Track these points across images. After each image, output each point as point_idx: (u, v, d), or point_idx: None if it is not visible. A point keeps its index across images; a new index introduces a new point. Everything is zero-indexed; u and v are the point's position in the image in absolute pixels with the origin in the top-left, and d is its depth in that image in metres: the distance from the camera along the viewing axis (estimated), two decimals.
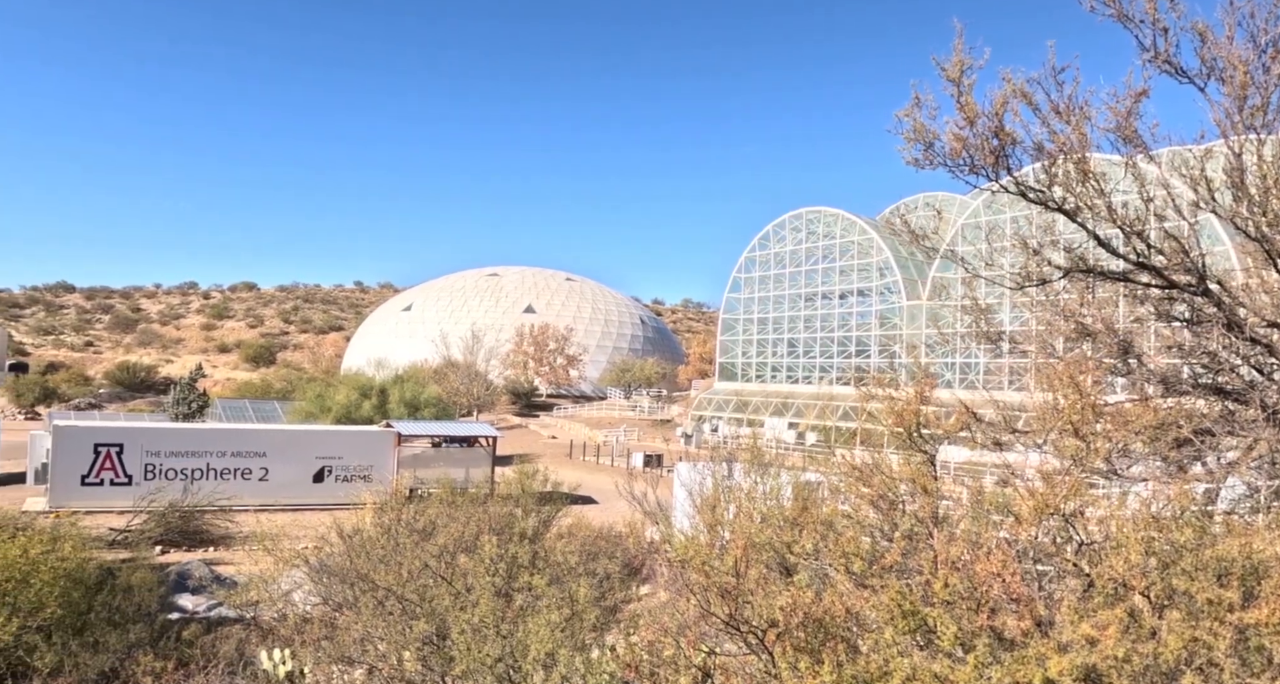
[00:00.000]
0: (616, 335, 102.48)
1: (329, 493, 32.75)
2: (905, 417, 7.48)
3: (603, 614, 10.79)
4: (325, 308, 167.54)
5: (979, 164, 7.43)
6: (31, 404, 78.93)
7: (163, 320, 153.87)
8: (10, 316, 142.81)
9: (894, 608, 5.19)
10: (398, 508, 14.03)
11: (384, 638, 10.58)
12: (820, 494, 10.84)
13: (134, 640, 11.26)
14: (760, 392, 64.94)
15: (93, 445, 31.45)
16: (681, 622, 7.17)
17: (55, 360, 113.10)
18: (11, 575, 11.03)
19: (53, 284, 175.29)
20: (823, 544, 7.71)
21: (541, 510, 15.39)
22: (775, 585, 6.57)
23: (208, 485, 30.49)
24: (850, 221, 61.46)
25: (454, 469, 35.17)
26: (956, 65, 7.19)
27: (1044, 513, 5.45)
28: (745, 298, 68.95)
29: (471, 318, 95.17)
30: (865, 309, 61.10)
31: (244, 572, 16.55)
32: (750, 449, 14.09)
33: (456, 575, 10.96)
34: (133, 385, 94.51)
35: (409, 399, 50.37)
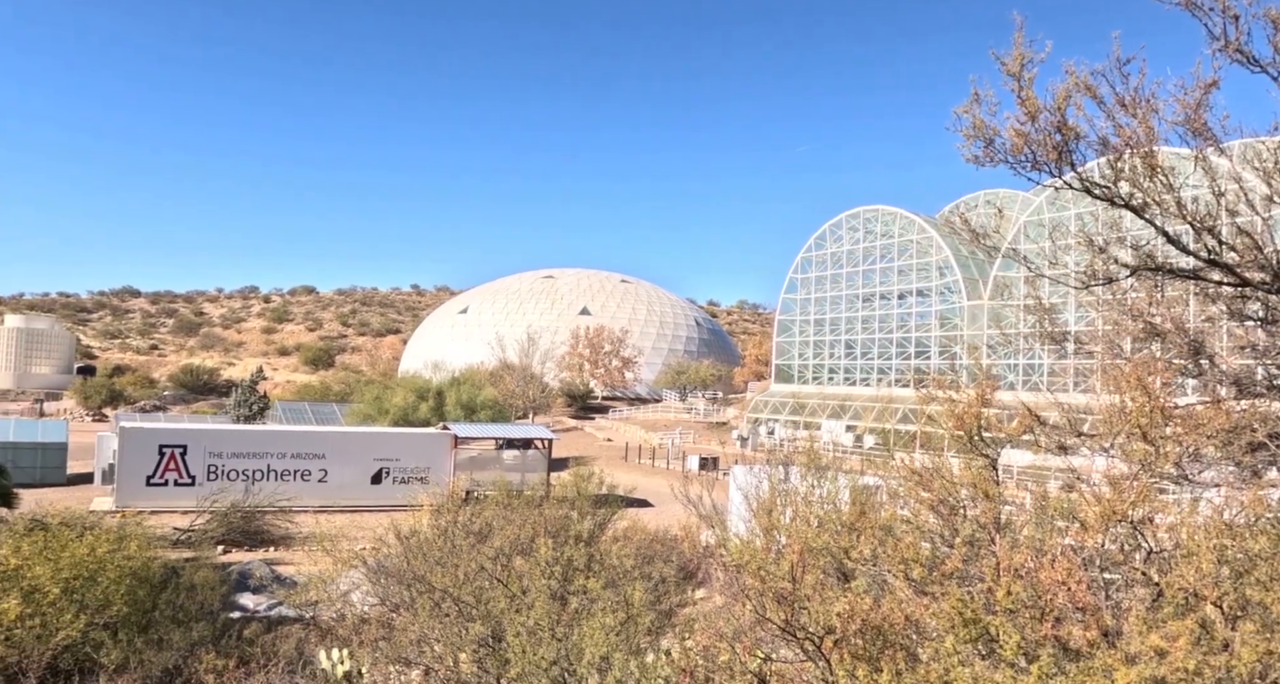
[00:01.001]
0: (671, 337, 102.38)
1: (387, 494, 33.21)
2: (966, 420, 7.33)
3: (658, 618, 10.75)
4: (383, 311, 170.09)
5: (1041, 160, 7.25)
6: (99, 406, 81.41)
7: (224, 324, 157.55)
8: (78, 321, 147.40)
9: (955, 616, 5.09)
10: (454, 510, 14.13)
11: (440, 639, 10.67)
12: (879, 499, 10.69)
13: (197, 638, 11.50)
14: (817, 394, 64.34)
15: (157, 446, 32.27)
16: (737, 627, 7.12)
17: (121, 363, 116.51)
18: (79, 573, 11.36)
19: (119, 289, 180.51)
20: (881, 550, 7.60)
21: (597, 513, 15.38)
22: (832, 591, 6.48)
23: (268, 486, 31.10)
24: (909, 220, 60.59)
25: (510, 471, 35.43)
26: (1017, 59, 7.02)
27: (1111, 519, 5.30)
28: (802, 299, 68.37)
29: (527, 320, 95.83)
30: (925, 309, 60.17)
31: (303, 572, 16.81)
32: (807, 452, 13.95)
33: (512, 578, 11.00)
34: (196, 388, 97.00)
35: (465, 401, 50.88)
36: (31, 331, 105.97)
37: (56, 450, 38.86)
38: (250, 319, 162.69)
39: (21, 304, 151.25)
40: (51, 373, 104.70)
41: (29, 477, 34.36)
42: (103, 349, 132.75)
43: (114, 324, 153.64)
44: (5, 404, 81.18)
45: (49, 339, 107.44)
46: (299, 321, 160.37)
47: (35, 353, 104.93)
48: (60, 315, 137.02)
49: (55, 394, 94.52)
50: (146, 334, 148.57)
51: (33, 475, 35.55)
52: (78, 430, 52.57)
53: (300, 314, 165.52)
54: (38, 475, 36.32)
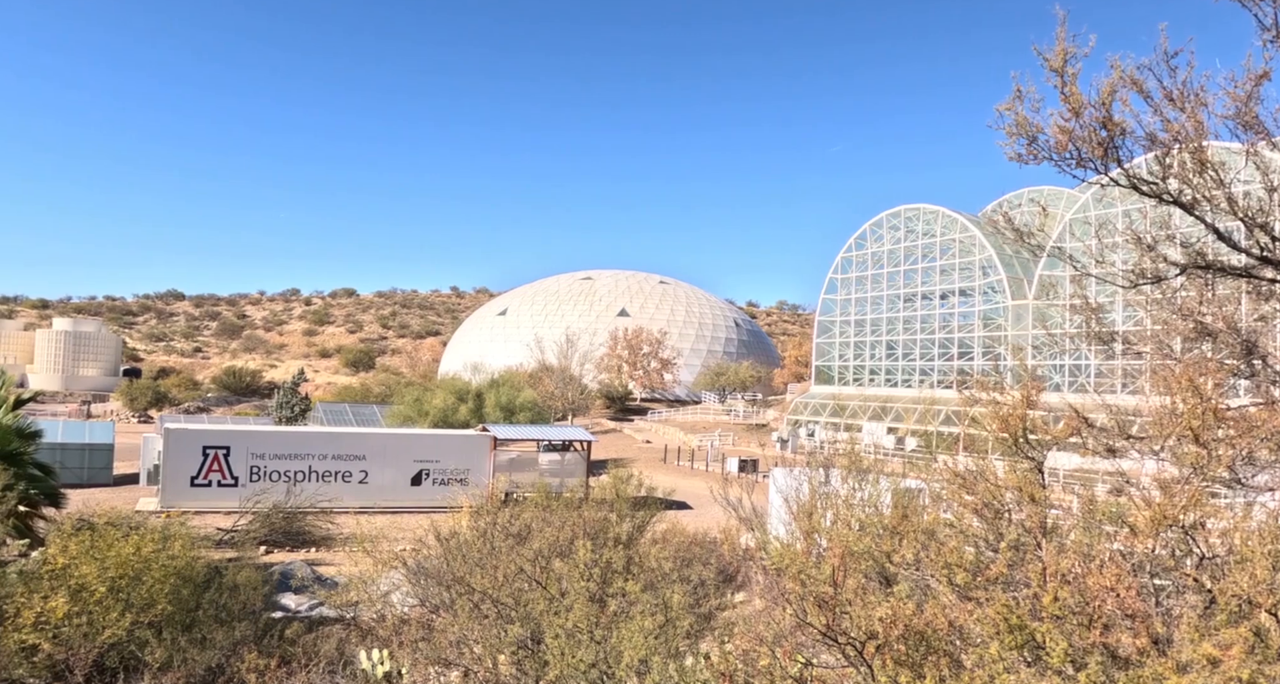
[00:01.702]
0: (710, 338, 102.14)
1: (426, 496, 33.47)
2: (1010, 422, 7.22)
3: (697, 621, 10.70)
4: (422, 313, 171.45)
5: (1086, 157, 7.11)
6: (144, 408, 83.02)
7: (267, 326, 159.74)
8: (124, 324, 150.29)
9: (1000, 622, 5.02)
10: (493, 511, 14.17)
11: (479, 641, 10.69)
12: (921, 502, 10.56)
13: (239, 638, 11.66)
14: (858, 395, 63.80)
15: (201, 448, 32.80)
16: (777, 631, 7.06)
17: (166, 366, 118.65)
18: (125, 573, 11.55)
19: (163, 292, 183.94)
20: (924, 554, 7.50)
21: (636, 516, 15.35)
22: (874, 596, 6.41)
23: (310, 487, 31.44)
24: (951, 218, 59.84)
25: (549, 473, 35.56)
26: (1059, 54, 6.89)
27: (1161, 524, 5.18)
28: (842, 299, 67.84)
29: (565, 322, 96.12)
30: (968, 309, 59.36)
31: (344, 572, 16.98)
32: (848, 454, 13.82)
33: (551, 580, 11.00)
34: (239, 389, 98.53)
35: (504, 403, 51.14)
36: (79, 334, 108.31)
37: (103, 451, 39.69)
38: (292, 322, 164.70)
39: (69, 308, 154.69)
40: (98, 375, 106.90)
41: (76, 477, 35.06)
42: (148, 352, 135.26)
43: (159, 327, 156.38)
44: (54, 406, 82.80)
45: (96, 342, 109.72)
46: (340, 324, 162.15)
47: (82, 355, 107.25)
48: (107, 319, 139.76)
49: (102, 396, 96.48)
50: (190, 337, 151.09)
51: (80, 476, 36.29)
52: (124, 432, 53.57)
53: (341, 316, 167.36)
54: (85, 476, 37.09)
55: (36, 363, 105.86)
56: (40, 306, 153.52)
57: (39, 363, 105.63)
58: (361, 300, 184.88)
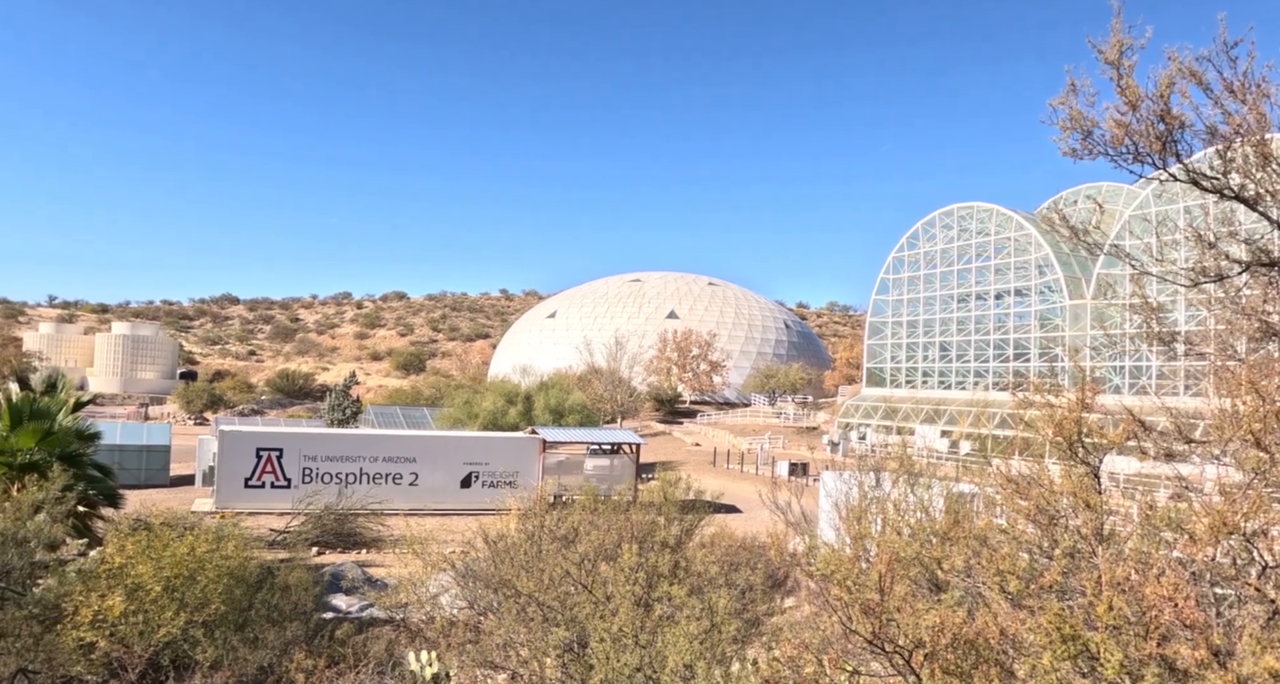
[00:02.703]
0: (760, 340, 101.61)
1: (476, 498, 33.67)
2: (1065, 425, 7.05)
3: (744, 626, 10.60)
4: (472, 316, 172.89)
5: (1144, 151, 6.91)
6: (200, 410, 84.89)
7: (319, 330, 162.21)
8: (181, 328, 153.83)
9: (1053, 631, 4.91)
10: (541, 514, 14.18)
11: (526, 644, 10.70)
12: (975, 507, 10.36)
13: (291, 638, 11.81)
14: (910, 398, 62.93)
15: (255, 449, 33.34)
16: (824, 638, 6.96)
17: (221, 368, 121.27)
18: (180, 572, 11.78)
19: (218, 296, 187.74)
20: (975, 561, 7.35)
21: (684, 519, 15.27)
22: (923, 603, 6.28)
23: (361, 489, 31.78)
24: (1005, 217, 58.73)
25: (597, 476, 35.57)
26: (1115, 46, 6.70)
27: (1222, 532, 5.00)
28: (894, 300, 66.99)
29: (614, 324, 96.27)
30: (1024, 310, 58.20)
31: (394, 574, 17.12)
32: (899, 458, 13.62)
33: (597, 583, 10.97)
34: (291, 392, 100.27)
35: (554, 406, 51.33)
36: (137, 338, 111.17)
37: (160, 453, 40.59)
38: (344, 325, 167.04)
39: (128, 312, 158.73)
40: (156, 378, 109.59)
41: (134, 478, 35.85)
42: (203, 355, 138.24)
43: (214, 331, 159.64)
44: (112, 408, 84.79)
45: (153, 346, 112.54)
46: (391, 327, 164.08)
47: (140, 359, 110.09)
48: (164, 323, 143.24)
49: (159, 398, 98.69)
50: (245, 340, 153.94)
51: (138, 477, 37.13)
52: (180, 434, 54.79)
53: (392, 319, 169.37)
54: (142, 477, 37.93)
55: (96, 366, 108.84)
56: (100, 311, 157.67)
57: (98, 366, 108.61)
58: (412, 304, 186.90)
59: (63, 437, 18.04)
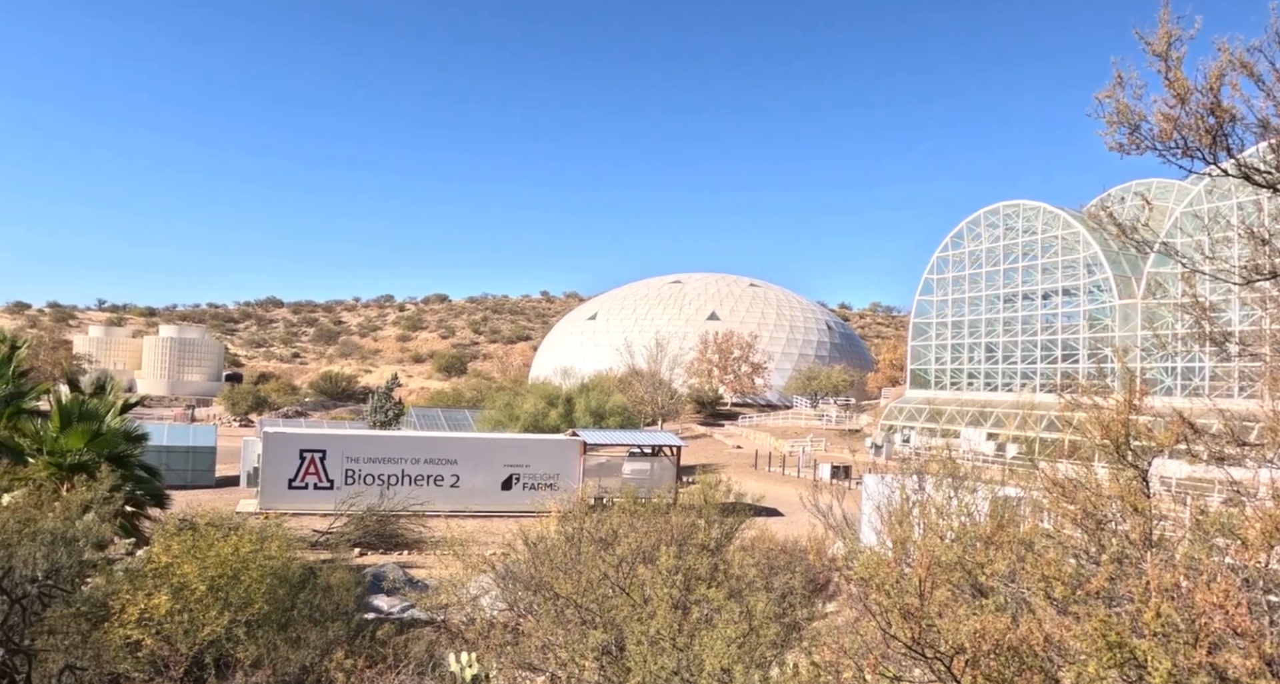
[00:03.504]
0: (802, 342, 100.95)
1: (516, 500, 33.75)
2: (1112, 428, 6.88)
3: (783, 631, 10.50)
4: (513, 318, 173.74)
5: (1193, 146, 6.73)
6: (245, 412, 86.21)
7: (362, 332, 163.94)
8: (226, 330, 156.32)
9: (1098, 638, 4.77)
10: (581, 517, 14.17)
11: (564, 646, 10.70)
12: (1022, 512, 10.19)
13: (333, 638, 11.92)
14: (955, 400, 62.09)
15: (298, 451, 33.72)
16: (863, 643, 6.87)
17: (266, 371, 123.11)
18: (224, 572, 11.95)
19: (263, 300, 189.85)
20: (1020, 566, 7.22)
21: (724, 522, 15.19)
22: (964, 608, 6.18)
23: (402, 491, 32.01)
24: (1053, 214, 57.66)
25: (638, 478, 35.50)
26: (1163, 37, 6.53)
27: (1276, 537, 4.83)
28: (938, 300, 66.12)
29: (655, 326, 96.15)
30: (1072, 310, 57.09)
31: (435, 575, 17.23)
32: (943, 461, 13.42)
33: (634, 586, 10.94)
34: (335, 394, 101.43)
35: (594, 408, 51.40)
36: (183, 341, 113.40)
37: (206, 454, 41.32)
38: (386, 327, 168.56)
39: (175, 315, 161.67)
40: (202, 380, 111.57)
41: (180, 479, 36.44)
42: (248, 357, 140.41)
43: (259, 333, 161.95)
44: (160, 410, 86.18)
45: (199, 348, 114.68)
46: (432, 329, 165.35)
47: (187, 361, 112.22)
48: (210, 326, 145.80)
49: (205, 400, 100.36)
50: (289, 343, 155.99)
51: (184, 477, 37.77)
52: (225, 435, 55.65)
53: (434, 322, 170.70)
54: (188, 478, 38.59)
55: (144, 368, 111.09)
56: (148, 314, 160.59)
57: (146, 368, 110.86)
58: (454, 306, 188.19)
59: (111, 438, 18.39)
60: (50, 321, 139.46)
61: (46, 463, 17.27)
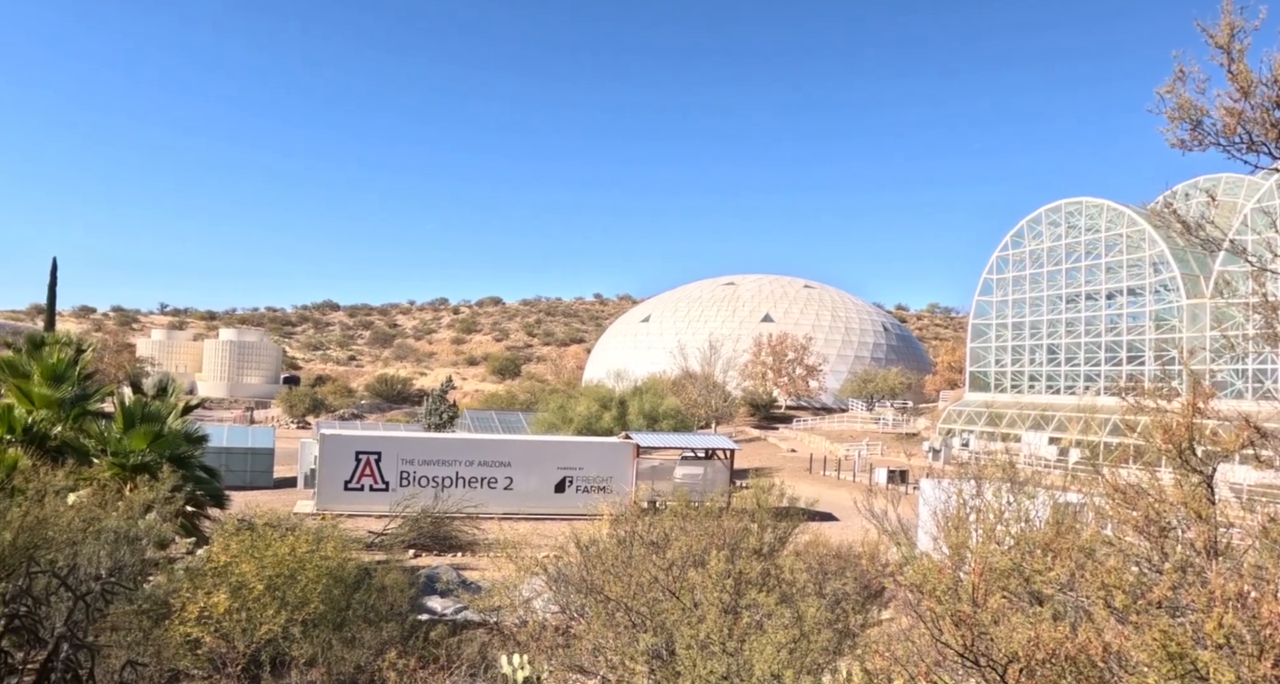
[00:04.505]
0: (858, 344, 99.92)
1: (569, 503, 33.84)
2: (1175, 432, 6.68)
3: (835, 637, 10.38)
4: (566, 320, 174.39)
5: (1258, 140, 6.53)
6: (302, 414, 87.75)
7: (417, 335, 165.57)
8: (284, 334, 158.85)
9: (1159, 649, 4.64)
10: (633, 520, 14.19)
11: (614, 649, 10.71)
12: (1084, 518, 9.97)
13: (387, 638, 12.08)
14: (1015, 403, 60.88)
15: (354, 453, 34.18)
16: (916, 650, 6.77)
17: (323, 373, 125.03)
18: (281, 571, 12.18)
19: (320, 303, 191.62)
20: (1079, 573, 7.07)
21: (777, 526, 15.08)
22: (1018, 616, 6.05)
23: (456, 493, 32.13)
24: (1117, 212, 56.23)
25: (690, 481, 35.41)
26: (1225, 29, 6.35)
27: None
28: (998, 301, 64.90)
29: (708, 328, 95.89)
30: (1137, 310, 55.60)
31: (488, 578, 17.36)
32: (1002, 466, 13.17)
33: (685, 589, 10.91)
34: (390, 397, 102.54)
35: (647, 411, 51.40)
36: (243, 344, 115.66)
37: (264, 455, 42.15)
38: (440, 330, 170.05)
39: (234, 319, 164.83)
40: (260, 383, 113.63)
41: (239, 479, 37.17)
42: (306, 360, 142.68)
43: (316, 336, 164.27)
44: (219, 412, 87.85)
45: (258, 351, 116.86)
46: (486, 332, 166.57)
47: (246, 364, 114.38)
48: (268, 329, 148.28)
49: (264, 402, 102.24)
50: (345, 345, 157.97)
51: (243, 478, 38.49)
52: (283, 437, 56.78)
53: (488, 325, 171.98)
54: (247, 478, 39.32)
55: (204, 371, 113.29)
56: (208, 318, 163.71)
57: (207, 371, 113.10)
58: (507, 309, 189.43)
59: (172, 439, 18.84)
60: (114, 325, 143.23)
61: (110, 463, 17.72)
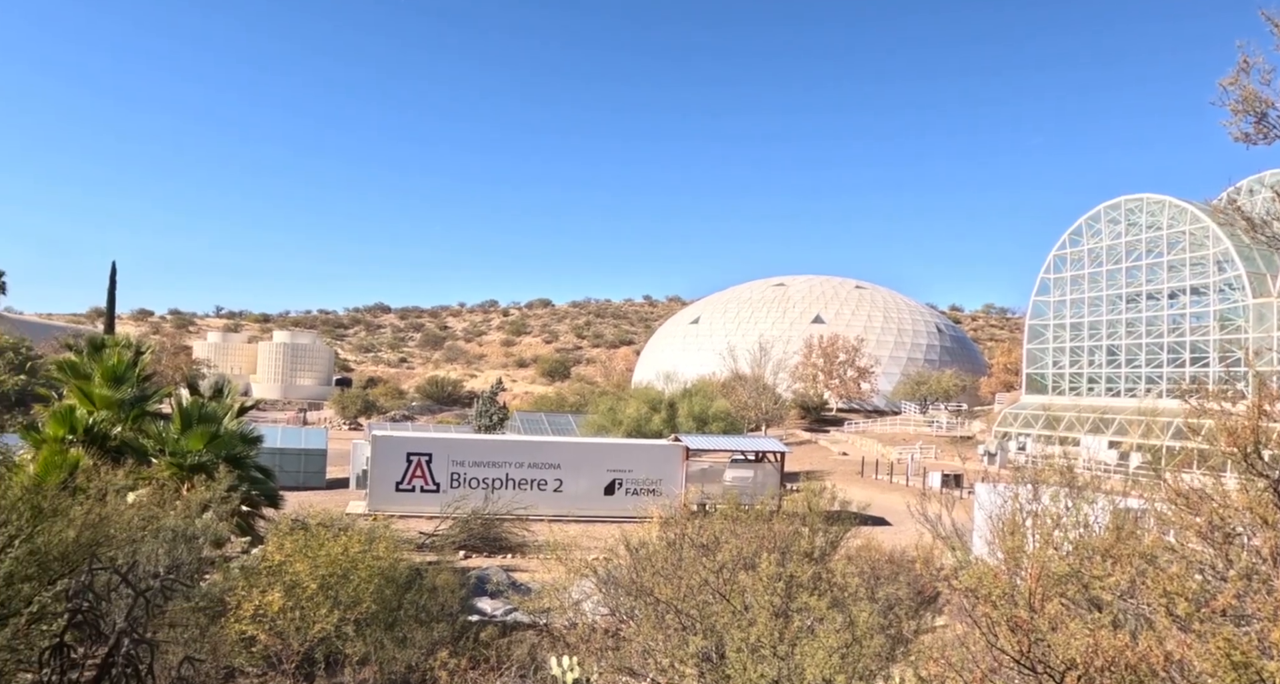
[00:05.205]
0: (910, 345, 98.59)
1: (619, 505, 33.85)
2: (1240, 435, 6.48)
3: (888, 643, 10.24)
4: (616, 322, 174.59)
5: None
6: (354, 416, 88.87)
7: (467, 337, 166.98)
8: (336, 336, 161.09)
9: (1223, 658, 4.50)
10: (683, 522, 14.15)
11: (664, 652, 10.68)
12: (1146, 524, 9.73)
13: (438, 638, 12.19)
14: (1074, 406, 59.57)
15: (406, 454, 34.50)
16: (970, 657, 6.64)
17: (374, 375, 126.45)
18: (334, 571, 12.37)
19: (371, 305, 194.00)
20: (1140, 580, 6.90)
21: (828, 530, 14.92)
22: (1076, 623, 5.91)
23: (506, 494, 32.31)
24: (1179, 209, 54.70)
25: (740, 484, 35.21)
26: None
27: None
28: (1055, 301, 63.58)
29: (758, 329, 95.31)
30: (1201, 309, 54.03)
31: (538, 579, 17.41)
32: (1060, 470, 12.90)
33: (735, 592, 10.85)
34: (440, 398, 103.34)
35: (697, 413, 51.24)
36: (296, 346, 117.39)
37: (317, 456, 42.79)
38: (490, 332, 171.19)
39: (287, 321, 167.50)
40: (313, 384, 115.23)
41: (293, 480, 37.64)
42: (357, 362, 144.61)
43: (367, 339, 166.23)
44: (273, 413, 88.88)
45: (311, 353, 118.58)
46: (536, 334, 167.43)
47: (299, 366, 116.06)
48: (321, 331, 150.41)
49: (316, 404, 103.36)
50: (396, 347, 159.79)
51: (296, 479, 39.06)
52: (335, 438, 57.47)
53: (537, 327, 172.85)
54: (300, 479, 39.94)
55: (259, 373, 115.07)
56: (262, 321, 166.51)
57: (261, 373, 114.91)
58: (557, 311, 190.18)
59: (228, 439, 19.20)
60: (171, 328, 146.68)
61: (168, 463, 18.09)
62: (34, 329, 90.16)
